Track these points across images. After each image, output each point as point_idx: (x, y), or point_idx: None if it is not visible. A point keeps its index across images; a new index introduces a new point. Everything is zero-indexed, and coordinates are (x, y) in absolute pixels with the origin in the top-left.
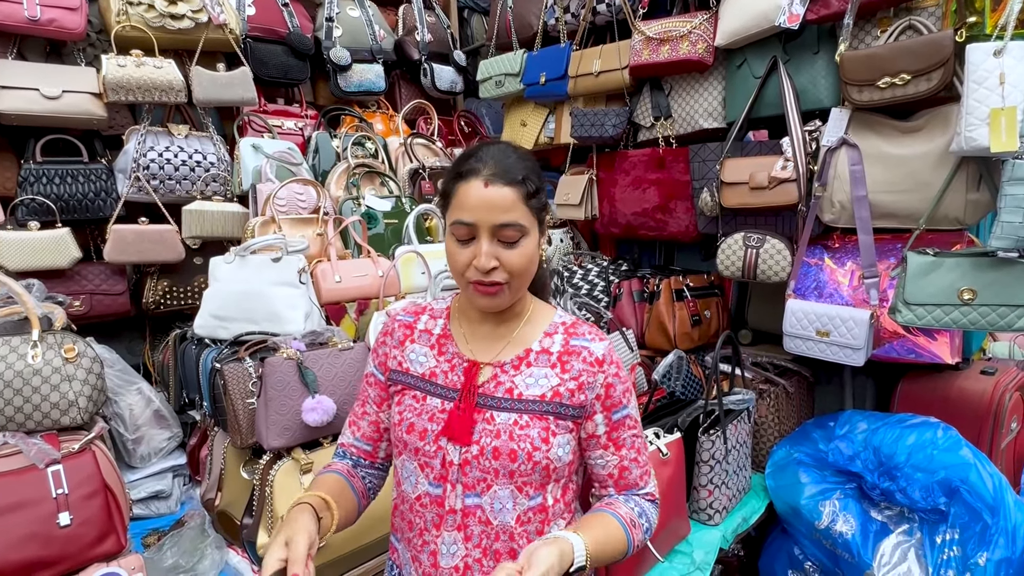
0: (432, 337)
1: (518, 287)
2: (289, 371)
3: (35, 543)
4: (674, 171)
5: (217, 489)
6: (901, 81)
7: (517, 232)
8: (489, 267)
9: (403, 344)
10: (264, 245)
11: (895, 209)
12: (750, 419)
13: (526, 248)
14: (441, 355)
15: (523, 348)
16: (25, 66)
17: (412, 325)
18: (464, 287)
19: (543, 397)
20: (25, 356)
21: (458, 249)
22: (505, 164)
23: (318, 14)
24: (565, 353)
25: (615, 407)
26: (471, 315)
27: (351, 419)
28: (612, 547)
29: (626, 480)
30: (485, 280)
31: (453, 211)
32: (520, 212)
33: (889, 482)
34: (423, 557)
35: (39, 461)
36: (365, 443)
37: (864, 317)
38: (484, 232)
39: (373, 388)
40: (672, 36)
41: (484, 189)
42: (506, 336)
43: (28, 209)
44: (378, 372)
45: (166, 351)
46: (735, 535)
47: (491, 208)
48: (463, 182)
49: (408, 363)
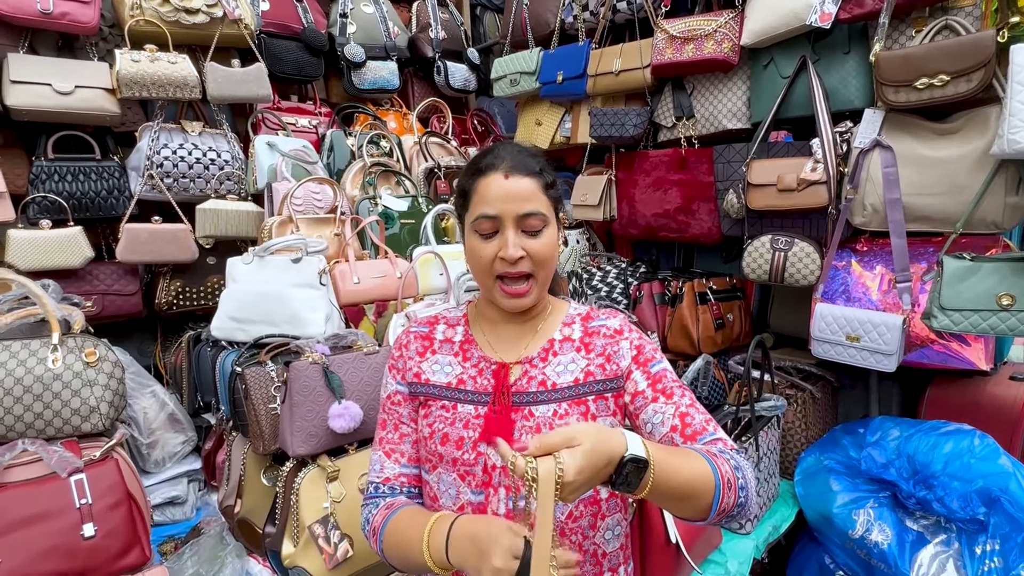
0: (455, 345)
1: (544, 280)
2: (315, 376)
3: (58, 556)
4: (697, 172)
5: (236, 496)
6: (940, 82)
7: (540, 221)
8: (516, 256)
9: (423, 355)
10: (284, 246)
11: (929, 212)
12: (779, 425)
13: (549, 237)
14: (467, 361)
15: (546, 340)
16: (37, 60)
17: (430, 336)
18: (490, 288)
19: (576, 381)
20: (45, 360)
21: (482, 244)
22: (521, 158)
23: (332, 10)
24: (586, 335)
25: (649, 362)
26: (492, 317)
27: (385, 450)
28: (688, 465)
29: (692, 427)
30: (512, 272)
31: (475, 207)
32: (541, 201)
33: (925, 491)
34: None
35: (61, 470)
36: (413, 467)
37: (897, 322)
38: (508, 223)
39: (404, 405)
40: (697, 35)
41: (505, 181)
42: (528, 333)
43: (40, 207)
44: (402, 387)
45: (179, 353)
46: (766, 544)
47: (513, 198)
48: (482, 177)
49: (429, 374)
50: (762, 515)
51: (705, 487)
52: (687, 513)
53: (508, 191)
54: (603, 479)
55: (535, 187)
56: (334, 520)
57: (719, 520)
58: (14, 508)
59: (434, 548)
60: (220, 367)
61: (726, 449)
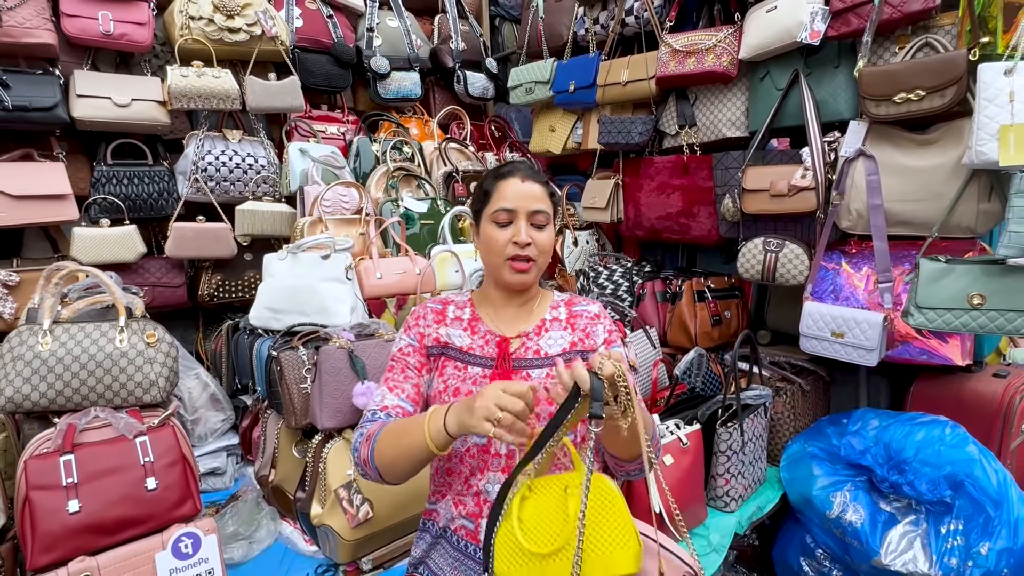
0: (463, 321)
1: (541, 265)
2: (341, 359)
3: (128, 503)
4: (698, 177)
5: (271, 466)
6: (916, 97)
7: (545, 218)
8: (527, 241)
9: (438, 324)
10: (315, 244)
11: (910, 217)
12: (766, 414)
13: (550, 233)
14: (475, 334)
15: (539, 319)
16: (99, 76)
17: (442, 312)
18: (499, 267)
19: (564, 351)
20: (114, 340)
21: (499, 232)
22: (531, 170)
23: (359, 24)
24: (571, 317)
25: (611, 344)
26: (495, 300)
27: (388, 385)
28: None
29: None
30: (521, 254)
31: (495, 202)
32: (547, 204)
33: (898, 475)
34: (467, 499)
35: (128, 432)
36: (409, 404)
37: (878, 320)
38: (522, 216)
39: (413, 356)
40: (698, 49)
41: (521, 183)
42: (524, 314)
43: (100, 208)
44: (415, 342)
45: (219, 340)
46: (750, 522)
47: (527, 197)
48: (503, 180)
49: (447, 338)
50: (747, 496)
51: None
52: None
53: (523, 191)
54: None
55: (543, 192)
56: (356, 486)
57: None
58: (93, 462)
59: (434, 427)
60: (257, 352)
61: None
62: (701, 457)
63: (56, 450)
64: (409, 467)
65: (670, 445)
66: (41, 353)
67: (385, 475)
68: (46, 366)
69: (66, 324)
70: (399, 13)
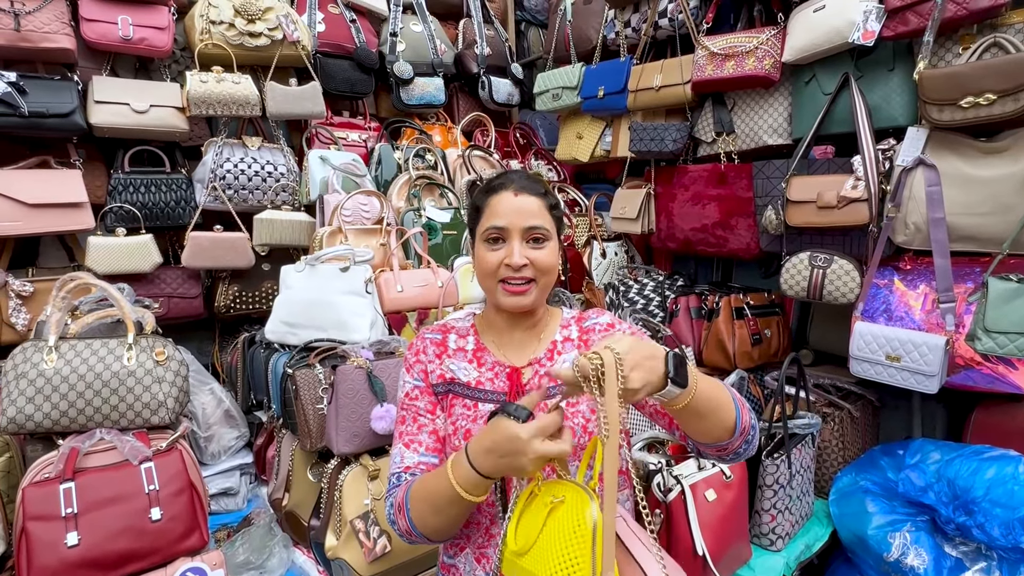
0: (467, 353)
1: (544, 286)
2: (359, 379)
3: (129, 535)
4: (736, 187)
5: (285, 490)
6: (986, 101)
7: (543, 235)
8: (520, 263)
9: (440, 358)
10: (334, 255)
11: (975, 232)
12: (814, 443)
13: (551, 250)
14: (481, 366)
15: (549, 342)
16: (117, 82)
17: (443, 343)
18: (492, 289)
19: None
20: (121, 358)
21: (490, 252)
22: (528, 180)
23: (382, 29)
24: (583, 333)
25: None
26: (498, 326)
27: (404, 441)
28: (708, 378)
29: None
30: (516, 277)
31: (486, 219)
32: (545, 219)
33: (965, 516)
34: (489, 552)
35: (134, 458)
36: (432, 456)
37: (939, 343)
38: (515, 234)
39: (421, 399)
40: (738, 52)
41: (515, 198)
42: (533, 339)
43: (116, 216)
44: (420, 382)
45: (235, 353)
46: (798, 562)
47: (521, 213)
48: (494, 195)
49: (452, 373)
50: (795, 533)
51: (727, 399)
52: (716, 428)
53: (516, 207)
54: (657, 377)
55: (540, 206)
56: (374, 516)
57: (741, 444)
58: (94, 491)
59: (461, 477)
60: (272, 368)
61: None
62: (746, 491)
63: (56, 476)
64: (458, 522)
65: (712, 478)
66: (46, 371)
67: (436, 539)
68: (50, 385)
69: (73, 340)
70: (423, 18)
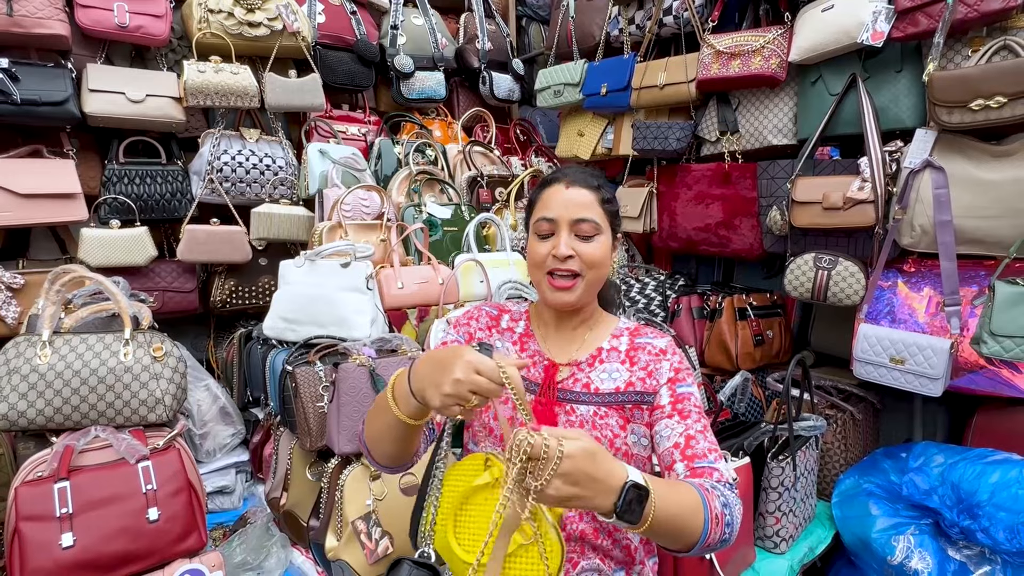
0: (515, 335)
1: (591, 282)
2: (361, 378)
3: (126, 536)
4: (740, 187)
5: (283, 489)
6: (996, 104)
7: (593, 228)
8: (566, 254)
9: (490, 330)
10: (334, 251)
11: (982, 235)
12: (817, 445)
13: (601, 244)
14: (524, 351)
15: (595, 347)
16: (112, 71)
17: (497, 318)
18: (540, 282)
19: (618, 390)
20: (117, 353)
21: (539, 244)
22: (582, 174)
23: (383, 22)
24: (632, 349)
25: (679, 383)
26: (547, 319)
27: None
28: (682, 499)
29: (693, 450)
30: (562, 268)
31: (537, 211)
32: (596, 212)
33: (970, 520)
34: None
35: (130, 456)
36: None
37: (944, 346)
38: (564, 226)
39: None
40: (744, 50)
41: (565, 190)
42: (579, 339)
43: (110, 208)
44: (461, 340)
45: (231, 349)
46: (801, 565)
47: (570, 205)
48: (547, 188)
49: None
50: (798, 535)
51: (695, 523)
52: (673, 545)
53: (566, 199)
54: (594, 504)
55: (592, 199)
56: (376, 517)
57: (698, 554)
58: (90, 490)
59: (399, 391)
60: (270, 365)
61: (718, 484)
62: (751, 494)
63: (50, 475)
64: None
65: None
66: (39, 367)
67: (373, 454)
68: (44, 381)
69: (67, 335)
70: (424, 11)
